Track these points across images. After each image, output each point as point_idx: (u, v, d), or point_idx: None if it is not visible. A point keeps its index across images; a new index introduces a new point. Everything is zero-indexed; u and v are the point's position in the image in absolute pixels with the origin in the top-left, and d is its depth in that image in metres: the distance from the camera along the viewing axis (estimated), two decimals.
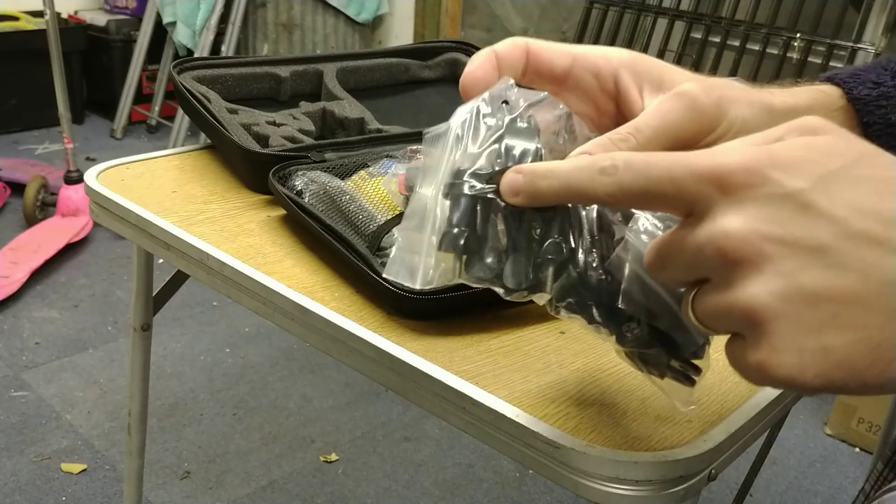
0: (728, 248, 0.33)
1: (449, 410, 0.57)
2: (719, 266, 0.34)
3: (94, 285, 2.22)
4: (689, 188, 0.34)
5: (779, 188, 0.32)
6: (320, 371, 1.91)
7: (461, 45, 1.14)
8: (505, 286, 0.41)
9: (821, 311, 0.31)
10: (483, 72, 0.45)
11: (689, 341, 0.42)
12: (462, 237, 0.41)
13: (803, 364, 0.32)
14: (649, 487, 0.50)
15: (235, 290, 0.72)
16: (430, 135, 0.43)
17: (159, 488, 1.52)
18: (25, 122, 3.38)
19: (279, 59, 1.04)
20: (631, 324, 0.42)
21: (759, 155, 0.33)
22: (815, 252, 0.32)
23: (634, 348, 0.43)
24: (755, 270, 0.32)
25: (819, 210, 0.32)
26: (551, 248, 0.41)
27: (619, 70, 0.46)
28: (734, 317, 0.33)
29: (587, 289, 0.42)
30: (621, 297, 0.41)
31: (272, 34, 3.26)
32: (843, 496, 1.63)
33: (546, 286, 0.41)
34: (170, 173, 0.92)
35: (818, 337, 0.31)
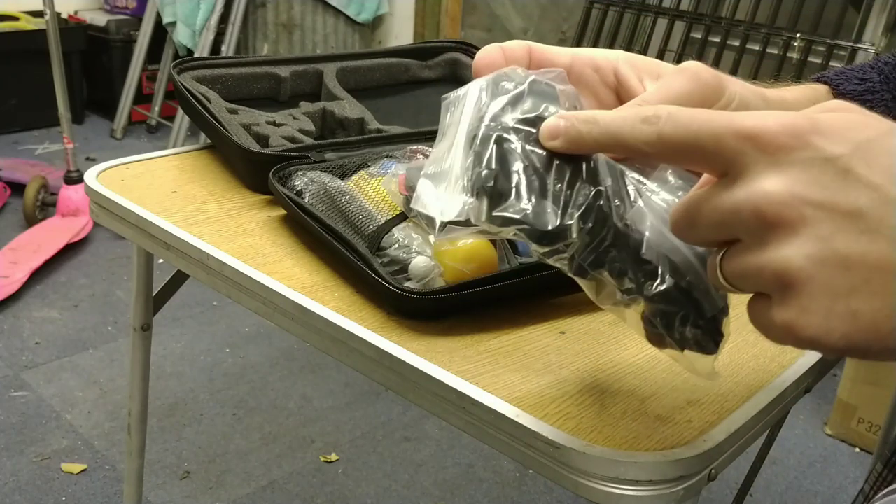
0: (767, 210, 0.33)
1: (449, 410, 0.57)
2: (755, 227, 0.34)
3: (94, 285, 2.22)
4: (729, 145, 0.34)
5: (820, 153, 0.33)
6: (320, 371, 1.91)
7: (461, 45, 1.14)
8: (532, 229, 0.40)
9: (852, 276, 0.32)
10: (494, 57, 0.47)
11: (712, 304, 0.42)
12: (490, 179, 0.40)
13: (830, 326, 0.32)
14: (649, 487, 0.50)
15: (235, 290, 0.72)
16: (447, 101, 0.44)
17: (159, 488, 1.52)
18: (25, 122, 3.38)
19: (279, 59, 1.04)
20: (654, 279, 0.42)
21: (802, 120, 0.34)
22: (852, 216, 0.32)
23: (660, 304, 0.42)
24: (792, 233, 0.33)
25: (857, 176, 0.32)
26: (578, 193, 0.41)
27: (618, 63, 0.48)
28: (765, 277, 0.34)
29: (612, 237, 0.41)
30: (645, 245, 0.41)
31: (272, 34, 3.26)
32: (843, 496, 1.63)
33: (572, 231, 0.41)
34: (170, 173, 0.92)
35: (847, 301, 0.32)
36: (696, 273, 0.41)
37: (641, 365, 0.61)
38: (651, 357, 0.62)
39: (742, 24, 2.32)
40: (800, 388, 0.62)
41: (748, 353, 0.64)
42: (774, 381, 0.60)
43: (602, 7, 2.62)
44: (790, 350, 0.64)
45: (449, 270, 0.67)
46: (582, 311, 0.68)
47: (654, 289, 0.42)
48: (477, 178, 0.41)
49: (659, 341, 0.45)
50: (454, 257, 0.68)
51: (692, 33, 2.46)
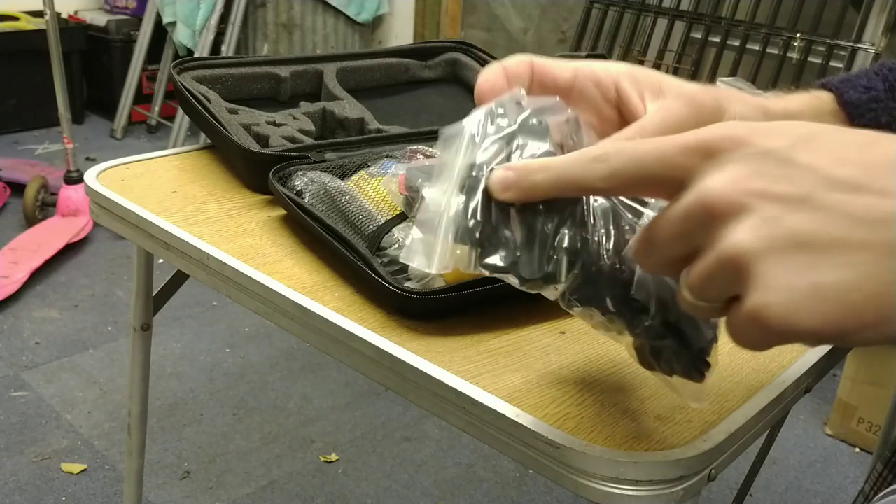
0: (711, 202, 0.33)
1: (449, 410, 0.57)
2: (705, 224, 0.34)
3: (94, 285, 2.22)
4: (675, 161, 0.35)
5: (759, 148, 0.34)
6: (320, 371, 1.91)
7: (461, 45, 1.14)
8: (520, 276, 0.42)
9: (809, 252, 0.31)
10: (495, 80, 0.47)
11: (698, 336, 0.43)
12: (477, 229, 0.41)
13: (795, 302, 0.31)
14: (649, 487, 0.50)
15: (235, 290, 0.72)
16: (444, 136, 0.45)
17: (159, 488, 1.52)
18: (25, 122, 3.38)
19: (279, 59, 1.04)
20: (643, 316, 0.43)
21: (740, 125, 0.35)
22: (798, 200, 0.32)
23: (646, 339, 0.44)
24: (737, 219, 0.33)
25: (799, 163, 0.33)
26: (565, 238, 0.42)
27: (619, 78, 0.48)
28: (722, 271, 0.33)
29: (601, 278, 0.42)
30: (635, 286, 0.42)
31: (272, 34, 3.26)
32: (843, 496, 1.63)
33: (560, 276, 0.42)
34: (170, 173, 0.92)
35: (808, 275, 0.31)
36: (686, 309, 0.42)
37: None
38: None
39: (742, 24, 2.32)
40: (800, 388, 0.62)
41: (748, 353, 0.64)
42: (774, 381, 0.60)
43: (602, 7, 2.62)
44: (790, 350, 0.64)
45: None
46: None
47: (642, 325, 0.43)
48: (464, 229, 0.42)
49: (648, 367, 0.47)
50: None
51: (692, 33, 2.46)
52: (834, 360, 0.67)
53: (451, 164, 0.43)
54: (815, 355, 0.64)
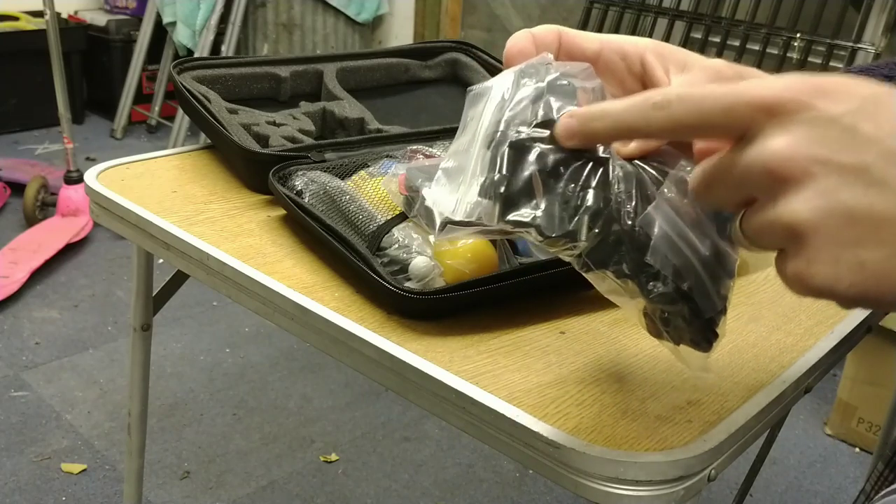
0: (774, 166, 0.35)
1: (449, 410, 0.57)
2: (765, 184, 0.35)
3: (94, 285, 2.22)
4: (740, 115, 0.36)
5: (824, 113, 0.34)
6: (320, 371, 1.91)
7: (461, 45, 1.14)
8: (541, 233, 0.42)
9: (859, 227, 0.33)
10: (525, 45, 0.48)
11: (709, 305, 0.44)
12: (502, 184, 0.42)
13: (838, 275, 0.34)
14: (649, 487, 0.50)
15: (235, 290, 0.72)
16: (472, 93, 0.45)
17: (159, 488, 1.52)
18: (25, 122, 3.38)
19: (279, 59, 1.04)
20: (657, 282, 0.43)
21: (805, 84, 0.35)
22: (857, 171, 0.33)
23: (658, 305, 0.44)
24: (798, 187, 0.34)
25: (862, 132, 0.34)
26: (588, 198, 0.42)
27: (645, 52, 0.49)
28: (777, 231, 0.35)
29: (619, 240, 0.43)
30: (651, 251, 0.42)
31: (272, 34, 3.26)
32: (843, 496, 1.63)
33: (581, 235, 0.42)
34: (170, 173, 0.92)
35: (855, 251, 0.33)
36: (697, 276, 0.43)
37: (641, 365, 0.61)
38: (651, 357, 0.62)
39: (742, 24, 2.32)
40: (800, 388, 0.62)
41: (748, 353, 0.64)
42: (774, 381, 0.60)
43: (602, 7, 2.62)
44: (790, 350, 0.64)
45: (449, 270, 0.67)
46: (582, 311, 0.68)
47: (656, 290, 0.43)
48: (490, 182, 0.42)
49: (657, 334, 0.47)
50: (454, 257, 0.68)
51: (692, 33, 2.46)
52: (834, 360, 0.67)
53: (478, 120, 0.44)
54: (815, 355, 0.64)
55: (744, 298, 0.73)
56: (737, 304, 0.72)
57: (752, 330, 0.67)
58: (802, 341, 0.66)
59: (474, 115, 0.44)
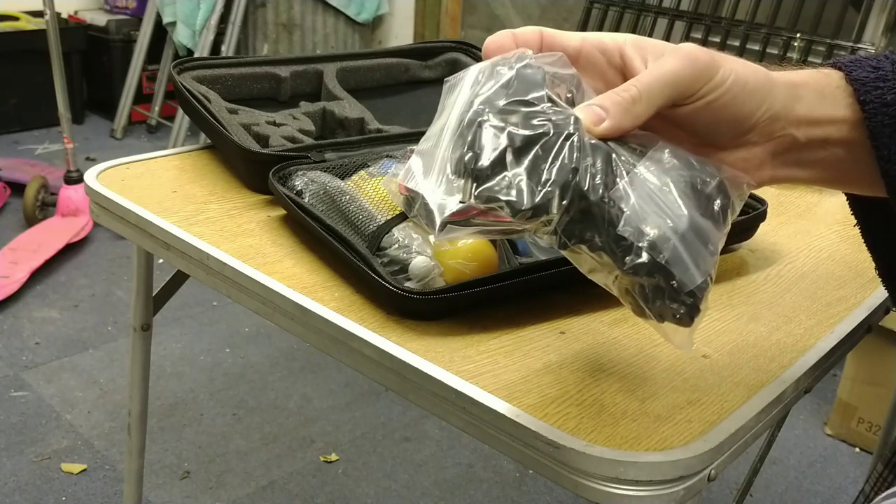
0: None
1: (449, 410, 0.57)
2: None
3: (94, 285, 2.22)
4: None
5: None
6: (320, 371, 1.91)
7: (461, 45, 1.14)
8: (512, 207, 0.43)
9: None
10: (503, 42, 0.49)
11: (688, 278, 0.44)
12: (473, 162, 0.43)
13: None
14: (649, 487, 0.50)
15: (235, 290, 0.72)
16: (449, 83, 0.47)
17: (159, 488, 1.52)
18: (25, 122, 3.38)
19: (279, 59, 1.04)
20: (631, 254, 0.44)
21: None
22: None
23: (634, 277, 0.45)
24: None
25: None
26: (556, 171, 0.43)
27: (624, 45, 0.50)
28: None
29: (590, 213, 0.44)
30: (623, 222, 0.43)
31: (272, 34, 3.26)
32: (843, 496, 1.63)
33: (552, 208, 0.43)
34: (170, 173, 0.92)
35: None
36: (674, 249, 0.44)
37: (641, 365, 0.61)
38: (651, 357, 0.62)
39: (742, 24, 2.32)
40: (800, 388, 0.62)
41: (748, 353, 0.64)
42: (774, 381, 0.60)
43: (602, 7, 2.62)
44: (790, 350, 0.64)
45: (449, 270, 0.67)
46: (582, 311, 0.68)
47: (630, 263, 0.44)
48: (460, 159, 0.44)
49: (640, 312, 0.47)
50: (454, 257, 0.68)
51: (692, 33, 2.46)
52: (834, 360, 0.67)
53: (453, 104, 0.46)
54: (815, 355, 0.64)
55: (744, 298, 0.73)
56: (737, 304, 0.72)
57: (752, 330, 0.67)
58: (802, 341, 0.66)
59: (448, 103, 0.46)
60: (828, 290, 0.75)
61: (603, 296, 0.70)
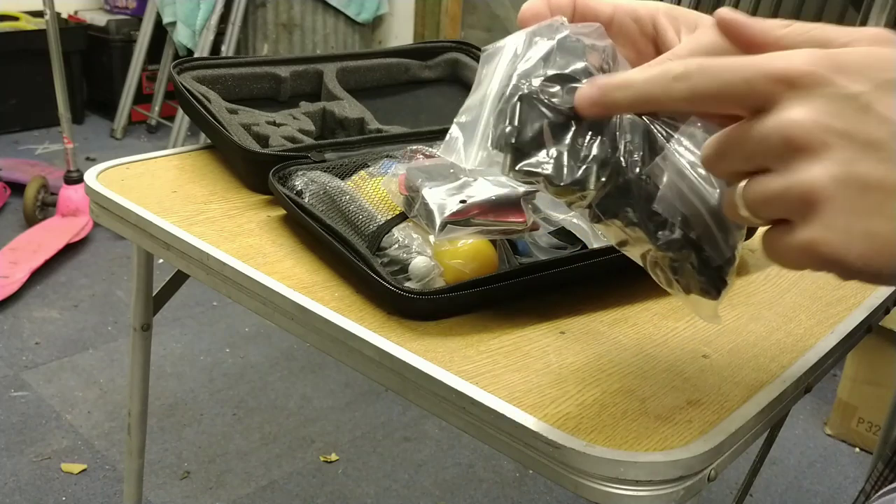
0: (794, 135, 0.35)
1: (449, 410, 0.57)
2: (781, 153, 0.36)
3: (94, 285, 2.22)
4: (760, 87, 0.37)
5: (842, 90, 0.35)
6: (320, 371, 1.91)
7: (461, 45, 1.14)
8: (551, 181, 0.43)
9: (870, 199, 0.34)
10: (539, 9, 0.49)
11: (718, 254, 0.45)
12: (513, 136, 0.44)
13: (850, 244, 0.35)
14: (649, 487, 0.50)
15: (235, 290, 0.72)
16: (486, 52, 0.47)
17: (159, 488, 1.52)
18: (25, 122, 3.38)
19: (279, 59, 1.04)
20: (664, 230, 0.45)
21: (822, 58, 0.36)
22: (872, 146, 0.35)
23: (666, 252, 0.45)
24: (817, 156, 0.35)
25: (877, 112, 0.35)
26: (596, 148, 0.43)
27: (657, 14, 0.50)
28: (790, 198, 0.36)
29: (627, 189, 0.44)
30: (658, 199, 0.44)
31: (272, 34, 3.26)
32: (843, 496, 1.63)
33: (589, 184, 0.43)
34: (170, 173, 0.92)
35: (866, 222, 0.35)
36: (705, 226, 0.44)
37: (641, 365, 0.61)
38: (651, 357, 0.62)
39: None
40: (800, 388, 0.62)
41: (748, 353, 0.64)
42: (774, 381, 0.60)
43: None
44: (790, 350, 0.64)
45: (449, 270, 0.67)
46: (582, 311, 0.68)
47: (663, 238, 0.44)
48: (502, 133, 0.44)
49: (668, 283, 0.48)
50: (454, 257, 0.68)
51: None
52: (834, 360, 0.67)
53: (491, 75, 0.45)
54: (815, 355, 0.64)
55: (744, 298, 0.73)
56: (737, 304, 0.72)
57: (752, 330, 0.67)
58: (802, 341, 0.66)
59: (487, 73, 0.46)
60: (828, 290, 0.75)
61: (603, 296, 0.71)
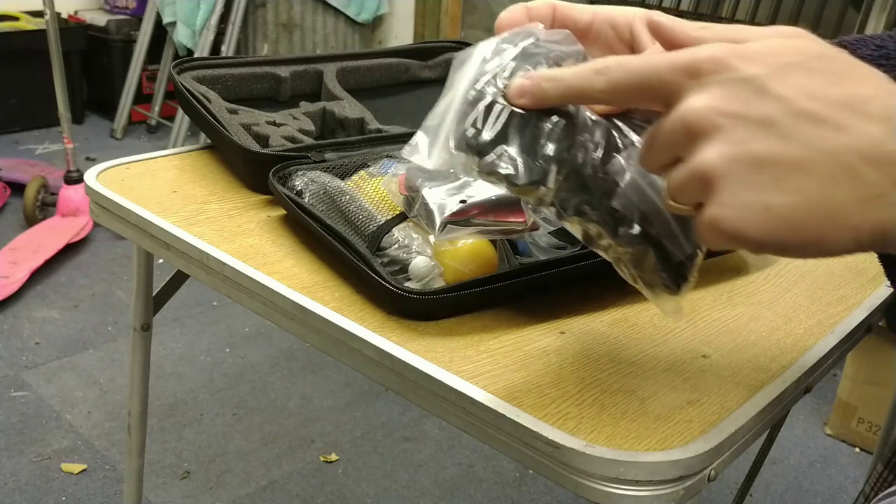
0: (689, 121, 0.37)
1: (449, 410, 0.57)
2: (684, 141, 0.38)
3: (94, 285, 2.22)
4: (665, 77, 0.39)
5: (738, 73, 0.37)
6: (320, 371, 1.91)
7: (461, 45, 1.14)
8: (511, 181, 0.45)
9: (764, 174, 0.36)
10: (517, 18, 0.50)
11: (677, 249, 0.46)
12: (476, 138, 0.45)
13: (745, 218, 0.36)
14: (649, 487, 0.50)
15: (235, 290, 0.72)
16: (457, 59, 0.49)
17: (159, 488, 1.52)
18: (25, 122, 3.38)
19: (279, 59, 1.04)
20: (623, 226, 0.46)
21: (725, 48, 0.38)
22: (764, 125, 0.36)
23: (626, 247, 0.46)
24: (710, 138, 0.37)
25: (772, 92, 0.36)
26: (555, 146, 0.45)
27: (634, 21, 0.51)
28: (693, 182, 0.38)
29: (585, 186, 0.46)
30: (616, 196, 0.45)
31: (272, 34, 3.26)
32: (843, 496, 1.63)
33: (548, 181, 0.45)
34: (170, 173, 0.92)
35: (760, 196, 0.36)
36: (665, 222, 0.45)
37: (641, 365, 0.61)
38: (651, 357, 0.62)
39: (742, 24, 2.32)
40: (800, 388, 0.62)
41: (748, 352, 0.64)
42: (774, 381, 0.60)
43: None
44: (790, 350, 0.64)
45: (449, 270, 0.67)
46: (582, 311, 0.68)
47: (622, 234, 0.46)
48: (462, 135, 0.46)
49: (632, 279, 0.49)
50: (454, 257, 0.68)
51: None
52: (834, 360, 0.67)
53: (459, 80, 0.47)
54: (815, 355, 0.64)
55: (744, 298, 0.73)
56: (737, 303, 0.72)
57: (752, 330, 0.67)
58: (802, 341, 0.66)
59: (455, 80, 0.48)
60: (828, 290, 0.75)
61: (603, 296, 0.71)
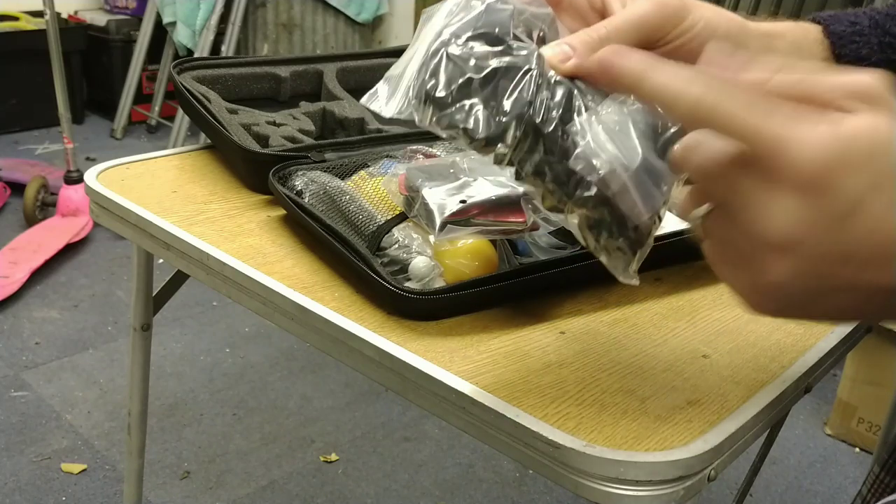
0: (771, 239, 0.36)
1: (449, 410, 0.57)
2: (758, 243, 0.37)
3: (94, 285, 2.22)
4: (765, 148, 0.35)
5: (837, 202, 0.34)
6: (320, 371, 1.91)
7: None
8: (468, 135, 0.45)
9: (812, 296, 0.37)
10: None
11: (635, 214, 0.46)
12: (434, 89, 0.45)
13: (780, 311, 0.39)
14: (649, 487, 0.50)
15: (235, 290, 0.72)
16: (425, 14, 0.49)
17: (159, 488, 1.52)
18: (25, 122, 3.38)
19: (279, 59, 1.04)
20: (580, 188, 0.46)
21: (831, 153, 0.34)
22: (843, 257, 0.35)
23: (582, 208, 0.46)
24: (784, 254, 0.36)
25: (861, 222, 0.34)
26: (514, 102, 0.45)
27: None
28: (746, 270, 0.38)
29: (542, 144, 0.45)
30: (574, 157, 0.45)
31: (272, 34, 3.26)
32: (843, 496, 1.63)
33: (507, 137, 0.45)
34: (170, 173, 0.92)
35: (801, 311, 0.38)
36: (622, 185, 0.45)
37: (641, 365, 0.61)
38: (651, 357, 0.62)
39: None
40: (800, 388, 0.62)
41: (748, 353, 0.64)
42: (774, 381, 0.60)
43: None
44: (790, 350, 0.64)
45: (449, 270, 0.67)
46: (582, 311, 0.68)
47: (578, 195, 0.46)
48: (422, 85, 0.46)
49: (587, 243, 0.49)
50: (454, 257, 0.68)
51: None
52: (834, 360, 0.67)
53: (425, 33, 0.47)
54: (815, 355, 0.64)
55: (738, 314, 0.73)
56: (737, 303, 0.71)
57: (752, 330, 0.67)
58: (802, 341, 0.66)
59: (422, 33, 0.48)
60: None
61: (603, 296, 0.71)
